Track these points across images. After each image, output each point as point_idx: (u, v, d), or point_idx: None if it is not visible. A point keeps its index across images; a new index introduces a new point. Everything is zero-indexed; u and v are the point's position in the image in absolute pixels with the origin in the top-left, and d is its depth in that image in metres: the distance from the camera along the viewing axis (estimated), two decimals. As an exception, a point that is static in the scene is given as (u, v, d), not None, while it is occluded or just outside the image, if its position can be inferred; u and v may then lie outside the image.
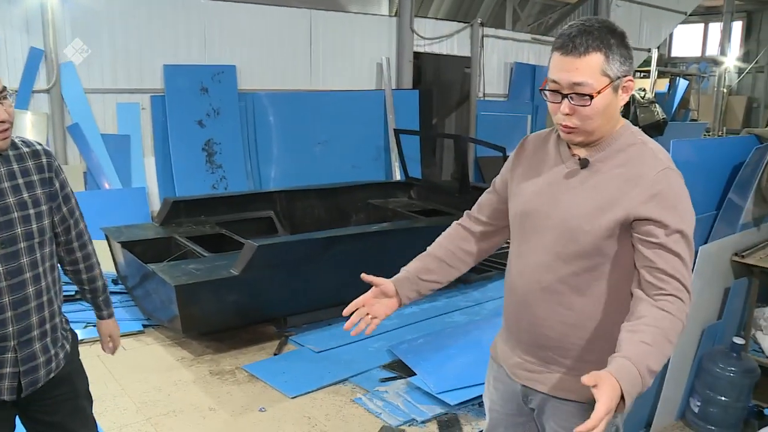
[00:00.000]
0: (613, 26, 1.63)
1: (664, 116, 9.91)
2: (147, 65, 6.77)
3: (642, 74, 12.23)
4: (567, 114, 1.63)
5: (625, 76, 1.63)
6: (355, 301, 2.00)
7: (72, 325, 2.22)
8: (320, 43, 8.02)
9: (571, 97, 1.61)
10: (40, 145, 2.03)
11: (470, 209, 2.06)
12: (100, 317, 2.34)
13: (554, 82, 1.63)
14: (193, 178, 6.95)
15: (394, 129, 7.64)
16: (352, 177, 7.71)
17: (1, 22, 6.03)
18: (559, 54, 1.61)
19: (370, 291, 2.02)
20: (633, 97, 9.98)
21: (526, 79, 10.34)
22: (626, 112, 10.16)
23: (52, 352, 2.01)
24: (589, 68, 1.58)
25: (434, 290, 2.04)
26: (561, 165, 1.75)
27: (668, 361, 3.25)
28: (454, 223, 2.07)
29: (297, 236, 5.15)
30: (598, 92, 1.59)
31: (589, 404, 1.43)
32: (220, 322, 4.50)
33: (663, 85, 12.04)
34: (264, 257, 4.31)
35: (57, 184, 2.03)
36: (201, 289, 4.18)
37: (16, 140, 1.97)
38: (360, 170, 8.09)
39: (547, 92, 1.67)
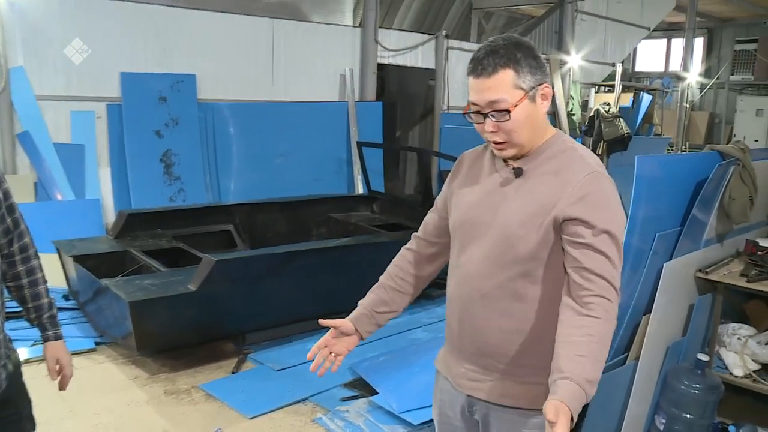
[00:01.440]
0: (519, 41, 1.73)
1: (629, 131, 10.10)
2: (103, 73, 6.66)
3: (606, 89, 12.45)
4: (492, 131, 1.74)
5: (540, 84, 1.72)
6: (316, 344, 2.05)
7: (18, 343, 2.14)
8: (282, 54, 7.99)
9: (491, 115, 1.72)
10: None
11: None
12: (46, 338, 2.17)
13: (474, 104, 1.75)
14: (150, 189, 6.84)
15: (357, 141, 7.64)
16: (314, 190, 7.69)
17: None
18: (472, 78, 1.73)
19: (328, 332, 2.07)
20: (597, 111, 10.16)
21: (492, 92, 10.44)
22: (591, 126, 10.34)
23: None
24: (502, 85, 1.69)
25: (393, 318, 2.12)
26: (496, 174, 1.85)
27: (633, 378, 3.30)
28: (403, 248, 2.13)
29: (256, 251, 5.10)
30: (515, 105, 1.69)
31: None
32: (176, 340, 4.42)
33: (627, 99, 12.26)
34: (222, 272, 4.27)
35: (0, 195, 1.95)
36: (156, 305, 4.11)
37: None
38: (322, 183, 8.06)
39: (471, 115, 1.78)
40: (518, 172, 1.79)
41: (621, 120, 10.10)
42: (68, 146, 6.55)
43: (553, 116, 11.04)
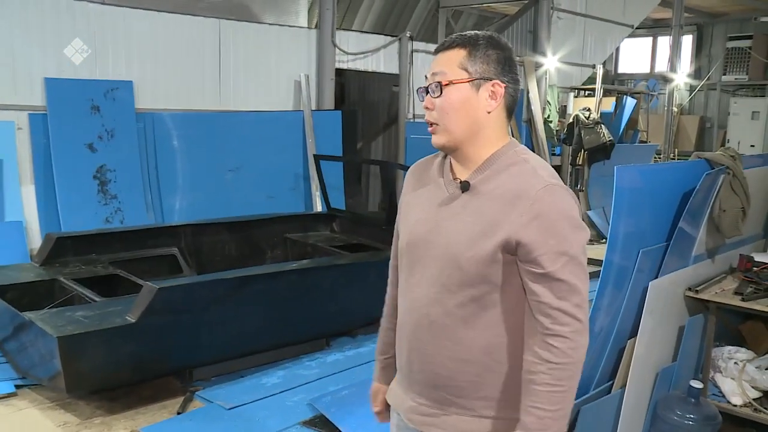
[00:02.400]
0: (496, 38, 1.83)
1: (611, 138, 10.24)
2: (23, 78, 6.58)
3: (586, 93, 12.66)
4: (426, 108, 1.84)
5: (491, 80, 1.79)
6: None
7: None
8: (231, 58, 8.00)
9: (431, 90, 1.82)
10: None
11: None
12: None
13: (426, 78, 1.86)
14: (83, 210, 6.76)
15: (315, 155, 7.66)
16: (268, 209, 7.68)
17: None
18: (433, 56, 1.87)
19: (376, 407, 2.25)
20: (577, 117, 10.30)
21: (462, 97, 10.54)
22: (570, 134, 10.49)
23: None
24: (449, 60, 1.80)
25: None
26: (443, 189, 1.88)
27: (620, 408, 3.34)
28: (388, 282, 2.20)
29: (204, 276, 5.09)
30: (450, 82, 1.78)
31: None
32: (113, 378, 4.36)
33: (609, 104, 12.47)
34: (166, 301, 4.24)
35: None
36: (90, 340, 4.05)
37: None
38: (276, 201, 8.06)
39: (420, 92, 1.87)
40: (465, 187, 1.82)
41: (602, 126, 10.25)
42: (-18, 162, 6.46)
43: (529, 123, 11.19)
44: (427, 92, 1.83)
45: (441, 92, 1.79)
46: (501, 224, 1.72)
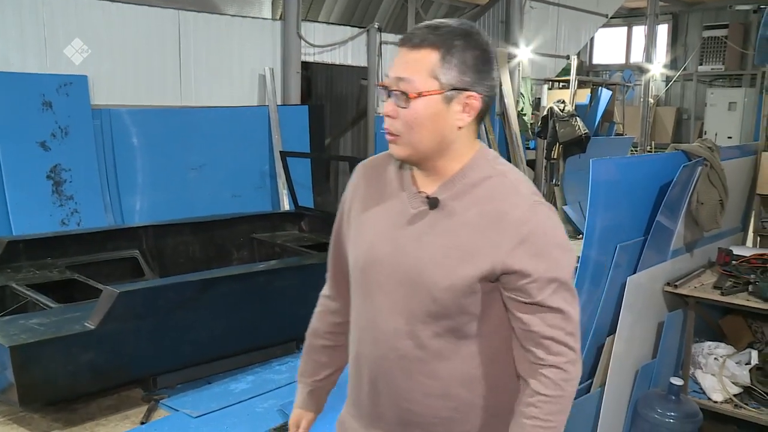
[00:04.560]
0: (471, 32, 1.61)
1: (586, 131, 10.33)
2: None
3: (561, 84, 12.77)
4: (389, 115, 1.63)
5: (467, 91, 1.59)
6: None
7: None
8: (191, 51, 7.94)
9: (395, 95, 1.60)
10: None
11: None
12: None
13: (387, 76, 1.65)
14: (36, 212, 6.67)
15: (281, 151, 7.64)
16: (233, 208, 7.65)
17: None
18: (399, 47, 1.63)
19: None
20: (551, 110, 10.38)
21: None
22: (544, 127, 10.57)
23: None
24: (417, 64, 1.57)
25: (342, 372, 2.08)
26: (405, 204, 1.70)
27: (600, 407, 3.38)
28: (321, 295, 2.05)
29: (167, 279, 5.05)
30: (419, 94, 1.57)
31: None
32: (71, 389, 4.32)
33: (584, 96, 12.59)
34: (127, 306, 4.22)
35: None
36: (45, 348, 4.01)
37: None
38: (242, 200, 8.02)
39: (381, 89, 1.66)
40: (433, 204, 1.65)
41: (578, 119, 10.34)
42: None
43: (502, 117, 11.26)
44: (389, 95, 1.61)
45: (407, 105, 1.58)
46: (482, 250, 1.59)
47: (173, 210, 7.29)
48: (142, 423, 4.30)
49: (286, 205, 8.05)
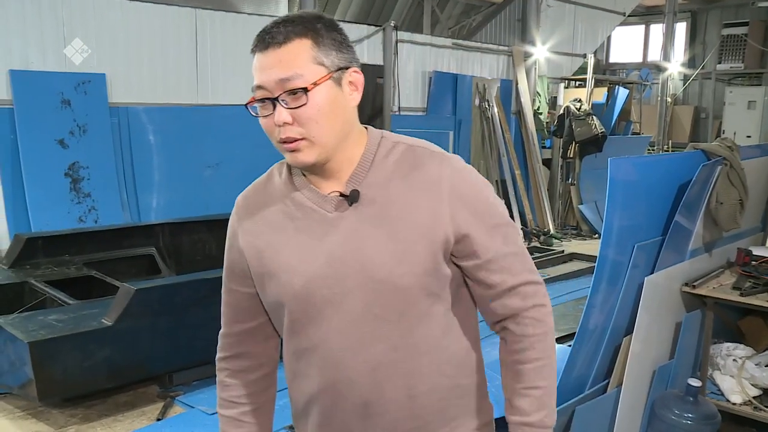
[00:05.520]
0: (317, 14, 1.55)
1: (603, 129, 10.29)
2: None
3: (577, 83, 12.71)
4: (285, 123, 1.48)
5: (347, 67, 1.53)
6: None
7: None
8: (208, 49, 7.96)
9: (283, 100, 1.47)
10: None
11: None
12: None
13: (259, 88, 1.50)
14: (54, 209, 6.71)
15: (298, 149, 7.64)
16: (249, 205, 7.64)
17: None
18: (258, 54, 1.50)
19: None
20: (568, 109, 10.34)
21: (447, 89, 10.57)
22: (560, 126, 10.54)
23: None
24: (297, 57, 1.47)
25: None
26: (317, 212, 1.58)
27: (617, 407, 3.36)
28: (218, 359, 1.86)
29: (183, 277, 5.07)
30: (315, 84, 1.46)
31: None
32: (88, 385, 4.35)
33: (601, 94, 12.53)
34: (143, 303, 4.24)
35: None
36: (63, 345, 4.04)
37: None
38: (258, 197, 8.03)
39: (256, 106, 1.52)
40: (354, 197, 1.54)
41: (594, 118, 10.31)
42: (-56, 158, 6.40)
43: (518, 115, 11.23)
44: (274, 105, 1.48)
45: (306, 99, 1.46)
46: (425, 222, 1.52)
47: (189, 208, 7.31)
48: (158, 419, 4.32)
49: (301, 203, 8.05)
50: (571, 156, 10.78)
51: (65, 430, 4.18)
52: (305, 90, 1.45)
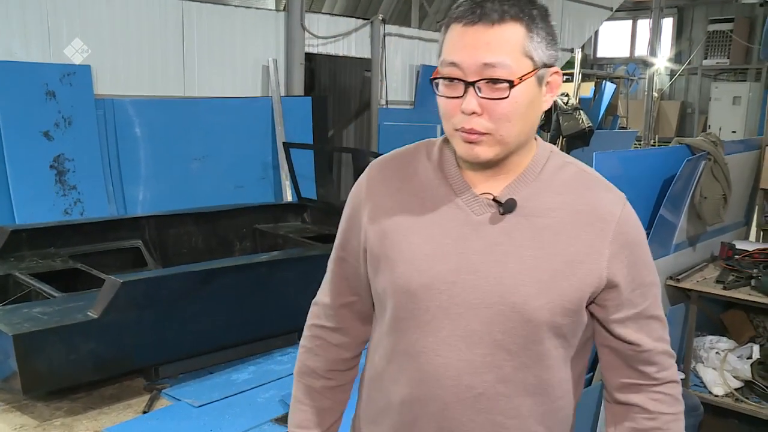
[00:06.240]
0: (538, 2, 1.35)
1: (590, 124, 10.34)
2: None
3: (565, 78, 12.76)
4: (473, 113, 1.29)
5: (552, 66, 1.35)
6: None
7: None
8: (195, 41, 7.93)
9: (479, 87, 1.28)
10: None
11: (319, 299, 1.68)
12: None
13: (453, 65, 1.30)
14: (39, 202, 6.69)
15: (284, 142, 7.64)
16: (236, 199, 7.65)
17: None
18: (462, 25, 1.29)
19: None
20: (555, 103, 10.37)
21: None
22: (548, 120, 10.57)
23: None
24: (507, 43, 1.27)
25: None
26: (463, 210, 1.40)
27: (600, 399, 3.39)
28: (313, 327, 1.67)
29: (169, 270, 5.06)
30: (520, 78, 1.27)
31: None
32: (74, 377, 4.33)
33: (588, 89, 12.60)
34: (129, 296, 4.24)
35: None
36: (48, 337, 4.02)
37: None
38: (245, 191, 8.03)
39: (441, 83, 1.33)
40: (509, 206, 1.36)
41: (581, 112, 10.35)
42: (-74, 151, 6.36)
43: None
44: (467, 89, 1.28)
45: (508, 94, 1.27)
46: (580, 257, 1.34)
47: (176, 200, 7.30)
48: (144, 412, 4.31)
49: (288, 196, 8.05)
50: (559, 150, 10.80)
51: (50, 423, 4.17)
52: (510, 83, 1.27)
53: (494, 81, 1.26)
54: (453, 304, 1.36)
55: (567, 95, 10.57)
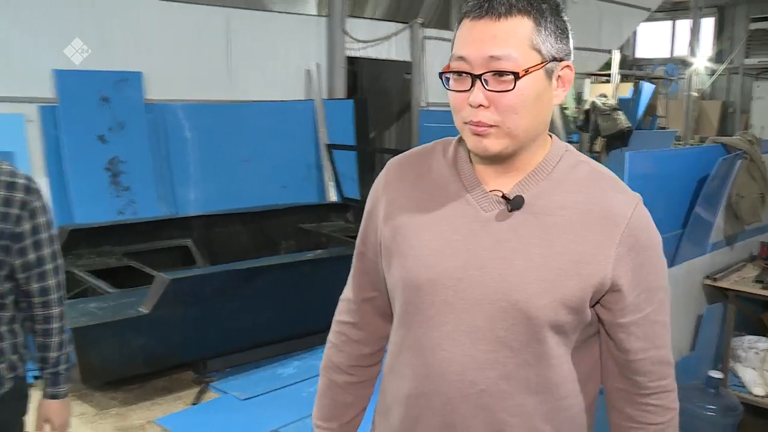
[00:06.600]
0: None
1: (629, 125, 10.22)
2: (32, 70, 6.64)
3: (603, 78, 12.63)
4: (480, 106, 1.28)
5: (562, 60, 1.32)
6: None
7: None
8: (240, 47, 8.03)
9: (485, 80, 1.27)
10: (28, 181, 2.08)
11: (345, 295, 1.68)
12: (44, 394, 2.25)
13: (461, 59, 1.30)
14: (96, 202, 6.83)
15: (327, 144, 7.70)
16: (281, 199, 7.72)
17: None
18: (470, 20, 1.29)
19: None
20: (593, 104, 10.29)
21: (475, 85, 10.56)
22: (587, 121, 10.48)
23: None
24: (514, 36, 1.26)
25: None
26: (472, 206, 1.38)
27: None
28: (338, 323, 1.68)
29: (216, 267, 5.14)
30: (526, 71, 1.26)
31: None
32: (127, 370, 4.45)
33: (626, 89, 12.44)
34: (178, 292, 4.32)
35: (27, 226, 2.06)
36: (103, 331, 4.14)
37: (2, 166, 2.04)
38: (289, 191, 8.10)
39: (450, 77, 1.34)
40: (517, 203, 1.34)
41: (620, 113, 10.24)
42: (-6, 154, 6.53)
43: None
44: (474, 81, 1.28)
45: (514, 86, 1.26)
46: (586, 258, 1.31)
47: (223, 201, 7.39)
48: (193, 404, 4.40)
49: (332, 196, 8.10)
50: (598, 150, 10.72)
51: (107, 411, 4.28)
52: (516, 75, 1.25)
53: (500, 73, 1.26)
54: (458, 300, 1.35)
55: (605, 96, 10.47)
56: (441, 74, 1.35)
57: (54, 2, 6.72)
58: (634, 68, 18.77)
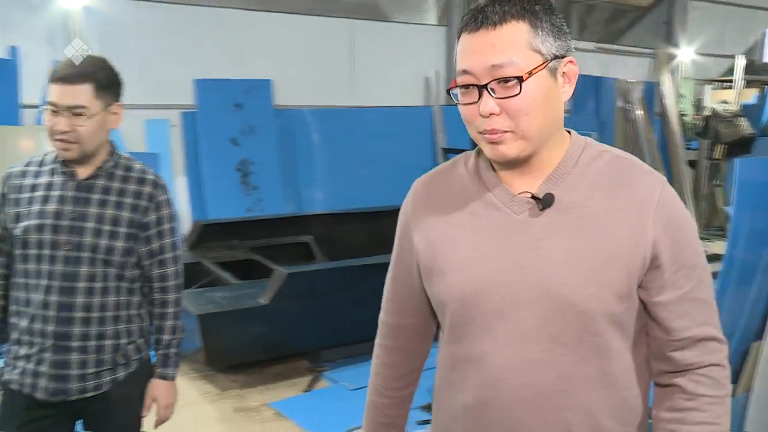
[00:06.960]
0: None
1: (752, 131, 9.67)
2: (176, 79, 6.97)
3: (725, 84, 11.98)
4: (492, 114, 1.26)
5: (564, 56, 1.30)
6: None
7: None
8: (362, 56, 8.14)
9: (491, 89, 1.25)
10: (156, 176, 2.22)
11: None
12: (154, 374, 2.31)
13: (465, 72, 1.27)
14: (227, 200, 7.11)
15: (443, 147, 7.69)
16: (398, 200, 7.70)
17: (23, 34, 6.22)
18: (467, 34, 1.27)
19: None
20: (714, 110, 9.78)
21: (590, 92, 10.27)
22: (707, 127, 9.97)
23: (91, 371, 2.12)
24: (512, 42, 1.24)
25: None
26: (503, 212, 1.35)
27: (745, 414, 3.16)
28: (377, 346, 1.63)
29: (330, 263, 5.23)
30: (530, 73, 1.24)
31: None
32: (247, 355, 4.59)
33: (750, 95, 11.74)
34: (294, 285, 4.40)
35: (152, 217, 2.18)
36: (226, 318, 4.28)
37: (135, 164, 2.20)
38: (406, 192, 8.10)
39: (457, 92, 1.31)
40: (547, 201, 1.31)
41: (742, 119, 9.70)
42: (143, 155, 6.86)
43: (662, 118, 10.73)
44: (481, 92, 1.26)
45: (520, 90, 1.23)
46: (626, 241, 1.27)
47: (344, 200, 7.51)
48: (306, 391, 4.48)
49: (446, 198, 8.08)
50: (718, 158, 10.19)
51: (228, 392, 4.42)
52: (520, 79, 1.23)
53: (504, 80, 1.24)
54: (505, 305, 1.31)
55: (726, 102, 9.94)
56: (448, 90, 1.34)
57: (192, 22, 7.04)
58: (762, 73, 17.74)
